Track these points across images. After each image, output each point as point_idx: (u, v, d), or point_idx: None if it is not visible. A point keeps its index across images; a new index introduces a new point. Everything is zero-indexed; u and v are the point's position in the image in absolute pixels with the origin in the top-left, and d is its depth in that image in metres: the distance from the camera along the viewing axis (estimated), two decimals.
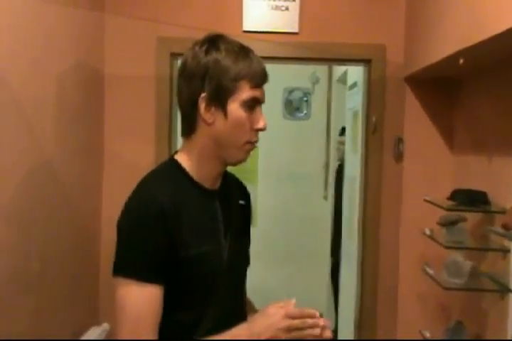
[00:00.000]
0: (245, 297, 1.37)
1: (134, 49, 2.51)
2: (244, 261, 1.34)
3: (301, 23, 2.48)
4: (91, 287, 2.48)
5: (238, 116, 1.16)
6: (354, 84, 3.21)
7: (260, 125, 1.19)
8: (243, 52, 1.18)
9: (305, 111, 4.54)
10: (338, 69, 4.13)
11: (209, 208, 1.22)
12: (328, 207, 4.39)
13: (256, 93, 1.17)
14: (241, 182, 1.41)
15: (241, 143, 1.19)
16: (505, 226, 1.57)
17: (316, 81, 4.47)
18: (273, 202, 4.51)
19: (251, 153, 1.23)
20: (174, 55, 2.49)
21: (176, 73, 2.55)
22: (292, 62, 2.73)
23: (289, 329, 1.09)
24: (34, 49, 1.80)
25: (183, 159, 1.22)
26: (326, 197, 4.51)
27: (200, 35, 1.22)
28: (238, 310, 1.28)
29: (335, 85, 4.39)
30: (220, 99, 1.15)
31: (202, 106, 1.15)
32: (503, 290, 1.85)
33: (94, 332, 2.31)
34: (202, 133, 1.19)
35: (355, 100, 3.20)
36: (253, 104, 1.17)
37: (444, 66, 2.06)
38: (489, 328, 2.02)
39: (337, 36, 2.50)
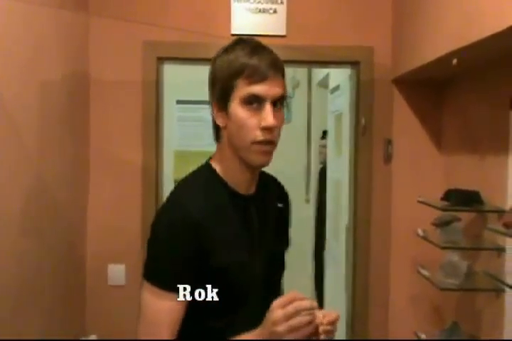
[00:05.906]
0: None
1: (119, 53, 2.45)
2: (280, 266, 1.30)
3: (289, 26, 2.47)
4: (78, 299, 2.42)
5: (237, 114, 1.10)
6: (337, 87, 3.22)
7: (264, 122, 1.08)
8: (249, 50, 1.11)
9: (285, 115, 4.52)
10: (319, 73, 4.14)
11: (244, 216, 1.20)
12: (310, 210, 4.39)
13: (255, 89, 1.08)
14: (279, 184, 1.38)
15: (247, 144, 1.11)
16: (507, 225, 1.58)
17: (296, 85, 4.46)
18: None
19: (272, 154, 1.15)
20: (161, 60, 2.43)
21: (162, 77, 2.53)
22: None
23: (284, 319, 0.99)
24: (19, 54, 1.75)
25: (216, 164, 1.21)
26: (307, 200, 4.50)
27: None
28: None
29: (315, 89, 4.40)
30: (222, 100, 1.12)
31: (214, 111, 1.17)
32: (498, 289, 1.86)
33: None
34: (223, 138, 1.18)
35: (338, 103, 3.21)
36: (254, 101, 1.09)
37: (433, 68, 2.08)
38: (485, 328, 2.02)
39: (325, 39, 2.49)
